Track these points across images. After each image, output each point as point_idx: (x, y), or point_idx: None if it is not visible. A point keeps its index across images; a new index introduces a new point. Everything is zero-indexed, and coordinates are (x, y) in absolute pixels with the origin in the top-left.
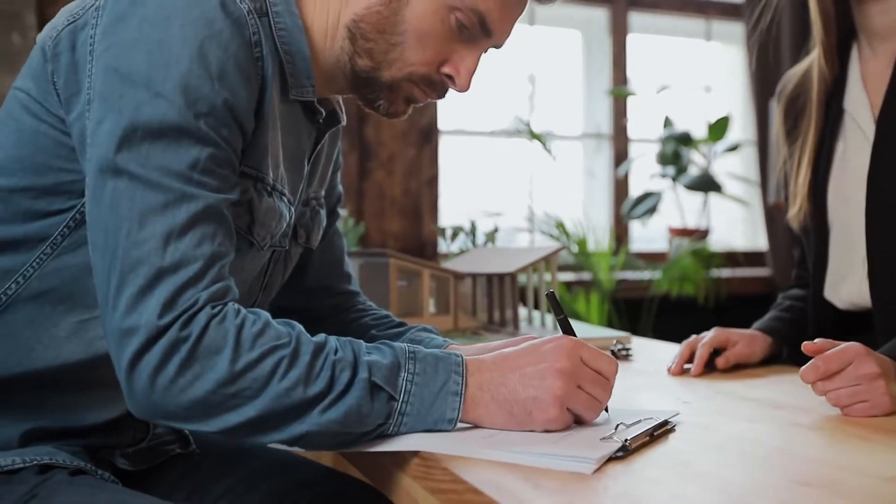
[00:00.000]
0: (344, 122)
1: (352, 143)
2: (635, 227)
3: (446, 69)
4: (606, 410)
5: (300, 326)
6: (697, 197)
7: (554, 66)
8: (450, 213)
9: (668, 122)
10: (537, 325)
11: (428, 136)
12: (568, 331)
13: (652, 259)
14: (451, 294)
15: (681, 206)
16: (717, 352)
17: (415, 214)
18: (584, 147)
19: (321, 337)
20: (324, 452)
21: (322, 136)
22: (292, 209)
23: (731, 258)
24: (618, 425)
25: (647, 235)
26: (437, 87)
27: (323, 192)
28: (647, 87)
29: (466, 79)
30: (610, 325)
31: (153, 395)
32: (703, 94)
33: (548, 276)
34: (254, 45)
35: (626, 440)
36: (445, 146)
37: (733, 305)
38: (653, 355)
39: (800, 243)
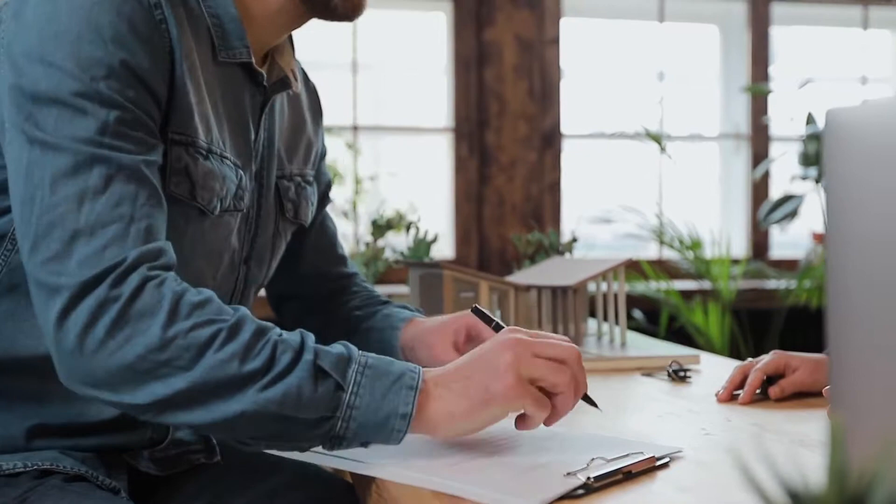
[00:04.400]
0: (296, 89)
1: (471, 147)
2: (777, 234)
3: None
4: (596, 406)
5: (245, 310)
6: None
7: (688, 64)
8: (573, 218)
9: (810, 120)
10: (606, 341)
11: (550, 140)
12: None
13: (787, 267)
14: (511, 307)
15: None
16: (773, 379)
17: (536, 221)
18: (721, 148)
19: (267, 323)
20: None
21: (269, 100)
22: (240, 172)
23: None
24: (593, 459)
25: (792, 242)
26: None
27: (311, 171)
28: (792, 82)
29: None
30: (732, 338)
31: (81, 358)
32: (857, 86)
33: (616, 288)
34: (153, 8)
35: (588, 478)
36: (569, 150)
37: None
38: (721, 378)
39: None
